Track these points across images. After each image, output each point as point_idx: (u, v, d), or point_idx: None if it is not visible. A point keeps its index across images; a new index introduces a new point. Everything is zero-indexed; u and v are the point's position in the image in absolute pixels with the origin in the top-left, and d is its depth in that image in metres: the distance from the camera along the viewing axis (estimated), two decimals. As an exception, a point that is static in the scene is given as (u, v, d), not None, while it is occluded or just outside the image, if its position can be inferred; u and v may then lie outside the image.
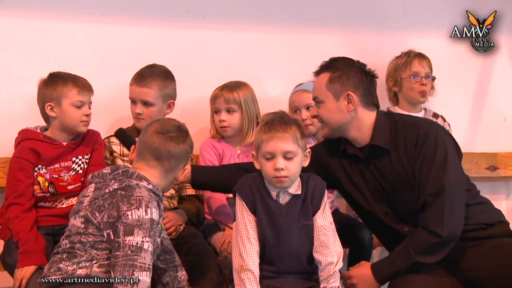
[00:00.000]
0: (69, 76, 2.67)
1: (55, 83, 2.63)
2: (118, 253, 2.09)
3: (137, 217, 2.11)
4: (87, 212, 2.17)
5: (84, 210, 2.18)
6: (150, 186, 2.20)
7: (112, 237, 2.12)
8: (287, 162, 2.26)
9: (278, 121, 2.28)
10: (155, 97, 2.86)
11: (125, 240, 2.09)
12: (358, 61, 2.53)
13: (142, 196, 2.14)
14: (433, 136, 2.40)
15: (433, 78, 3.31)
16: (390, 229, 2.49)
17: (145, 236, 2.10)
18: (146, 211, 2.12)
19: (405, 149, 2.42)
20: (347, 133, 2.49)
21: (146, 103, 2.85)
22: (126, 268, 2.06)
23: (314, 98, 2.54)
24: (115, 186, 2.18)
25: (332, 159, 2.57)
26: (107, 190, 2.18)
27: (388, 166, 2.45)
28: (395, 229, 2.48)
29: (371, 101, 2.50)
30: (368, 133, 2.48)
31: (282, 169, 2.25)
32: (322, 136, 2.59)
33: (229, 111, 2.98)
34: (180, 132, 2.30)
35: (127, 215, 2.11)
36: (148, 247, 2.10)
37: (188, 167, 2.58)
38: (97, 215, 2.15)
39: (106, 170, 2.25)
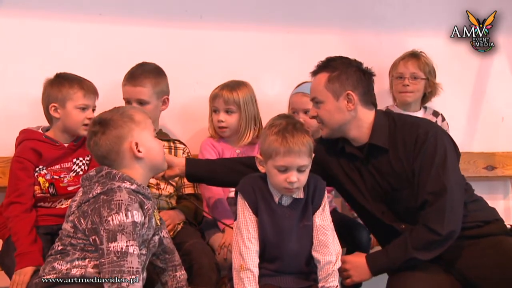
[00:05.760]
0: (76, 78, 2.64)
1: (61, 85, 2.61)
2: (103, 260, 2.05)
3: (118, 222, 2.07)
4: (74, 218, 2.16)
5: (73, 216, 2.17)
6: (133, 187, 2.17)
7: (97, 242, 2.09)
8: (299, 174, 2.26)
9: (292, 130, 2.24)
10: (150, 95, 2.85)
11: (109, 247, 2.05)
12: (355, 60, 2.51)
13: (121, 200, 2.09)
14: (432, 136, 2.40)
15: (423, 78, 3.29)
16: (386, 226, 2.50)
17: (129, 240, 2.06)
18: (126, 215, 2.08)
19: (404, 148, 2.42)
20: (347, 133, 2.49)
21: (141, 102, 2.84)
22: (114, 274, 2.03)
23: (313, 99, 2.52)
24: (98, 190, 2.14)
25: (330, 157, 2.57)
26: (91, 195, 2.15)
27: (386, 165, 2.45)
28: (392, 226, 2.48)
29: (370, 99, 2.50)
30: (367, 132, 2.47)
31: (295, 182, 2.25)
32: (322, 137, 2.58)
33: (227, 111, 2.97)
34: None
35: (108, 221, 2.07)
36: (133, 251, 2.07)
37: (183, 160, 2.61)
38: (82, 221, 2.13)
39: (92, 172, 2.21)
